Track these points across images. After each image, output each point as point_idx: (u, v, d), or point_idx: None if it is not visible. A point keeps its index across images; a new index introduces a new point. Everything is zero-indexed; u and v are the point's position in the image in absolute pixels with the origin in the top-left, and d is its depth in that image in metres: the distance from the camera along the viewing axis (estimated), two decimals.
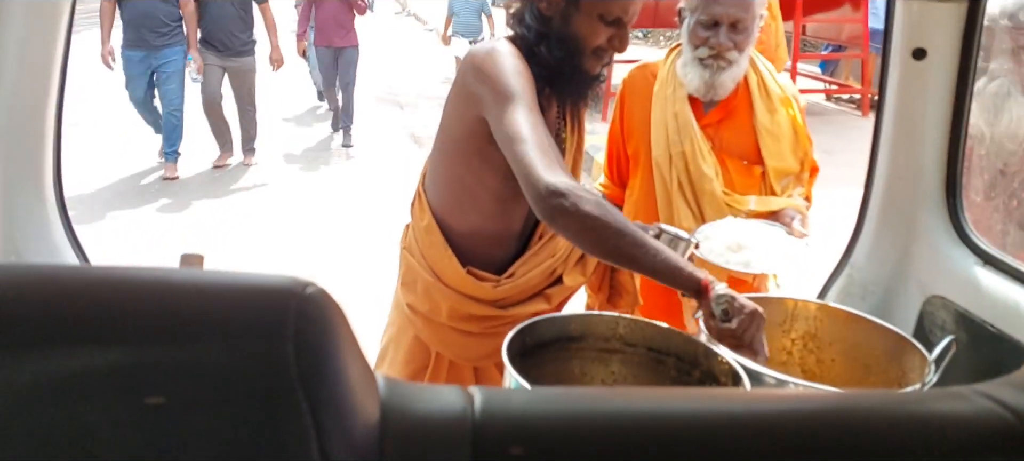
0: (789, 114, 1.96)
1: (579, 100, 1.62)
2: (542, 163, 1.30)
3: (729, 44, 1.82)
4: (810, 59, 10.49)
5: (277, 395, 0.44)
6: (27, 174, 1.56)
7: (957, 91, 1.51)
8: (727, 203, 1.89)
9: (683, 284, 1.31)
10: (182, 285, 0.47)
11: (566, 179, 1.30)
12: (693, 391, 0.92)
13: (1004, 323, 1.39)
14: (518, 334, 1.24)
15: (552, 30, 1.50)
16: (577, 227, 1.28)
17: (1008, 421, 0.57)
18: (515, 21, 1.55)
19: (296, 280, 0.48)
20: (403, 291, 1.73)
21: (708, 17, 1.83)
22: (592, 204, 1.28)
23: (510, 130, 1.35)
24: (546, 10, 1.50)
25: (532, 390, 0.78)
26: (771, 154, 1.92)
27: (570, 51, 1.50)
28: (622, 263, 1.38)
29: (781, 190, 1.94)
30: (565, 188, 1.27)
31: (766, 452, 0.55)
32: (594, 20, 1.48)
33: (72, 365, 0.44)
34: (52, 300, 0.46)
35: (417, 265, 1.66)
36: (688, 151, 1.91)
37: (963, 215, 1.58)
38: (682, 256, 1.54)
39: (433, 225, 1.63)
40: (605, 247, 1.30)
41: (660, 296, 1.99)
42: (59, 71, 1.54)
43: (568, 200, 1.26)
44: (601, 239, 1.28)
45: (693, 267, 1.33)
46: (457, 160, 1.58)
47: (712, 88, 1.87)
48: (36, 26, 1.47)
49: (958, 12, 1.46)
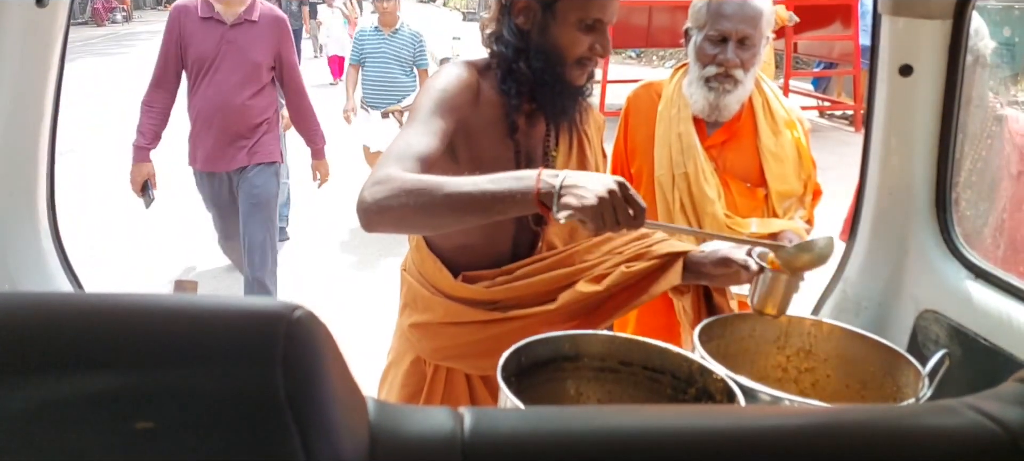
0: (793, 136, 1.96)
1: (566, 115, 1.58)
2: (374, 171, 1.30)
3: (736, 61, 1.82)
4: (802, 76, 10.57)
5: (266, 419, 0.44)
6: (21, 202, 1.56)
7: (944, 107, 1.53)
8: (729, 225, 1.88)
9: (521, 206, 1.23)
10: (171, 310, 0.48)
11: (386, 172, 1.27)
12: (684, 408, 0.92)
13: (997, 336, 1.39)
14: (513, 354, 1.24)
15: (531, 44, 1.48)
16: (392, 218, 1.26)
17: (996, 433, 0.57)
18: (492, 40, 1.53)
19: (285, 304, 0.48)
20: (405, 314, 1.72)
21: (717, 32, 1.83)
22: (399, 188, 1.24)
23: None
24: (523, 24, 1.49)
25: (521, 410, 0.78)
26: (774, 177, 1.92)
27: (551, 62, 1.48)
28: (455, 221, 1.31)
29: (783, 212, 1.94)
30: (372, 184, 1.25)
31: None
32: (572, 28, 1.46)
33: (63, 391, 0.44)
34: (42, 327, 0.46)
35: (415, 282, 1.66)
36: (691, 172, 1.90)
37: (954, 229, 1.58)
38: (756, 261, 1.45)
39: (421, 243, 1.64)
40: (431, 218, 1.26)
41: (659, 315, 1.99)
42: (52, 99, 1.55)
43: (366, 191, 1.26)
44: (425, 212, 1.24)
45: (522, 183, 1.22)
46: None
47: (717, 109, 1.88)
48: (29, 55, 1.48)
49: (943, 29, 1.48)
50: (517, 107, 1.51)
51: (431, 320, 1.65)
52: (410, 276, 1.69)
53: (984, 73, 1.73)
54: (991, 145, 1.78)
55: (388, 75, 5.35)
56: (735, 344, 1.48)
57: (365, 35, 5.47)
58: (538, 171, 1.23)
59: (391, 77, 5.36)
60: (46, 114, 1.54)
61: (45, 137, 1.56)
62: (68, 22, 1.52)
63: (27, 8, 1.43)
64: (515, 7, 1.49)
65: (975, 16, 1.82)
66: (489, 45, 1.55)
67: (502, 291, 1.56)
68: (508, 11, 1.50)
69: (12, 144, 1.52)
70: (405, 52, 5.37)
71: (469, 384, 1.72)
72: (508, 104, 1.51)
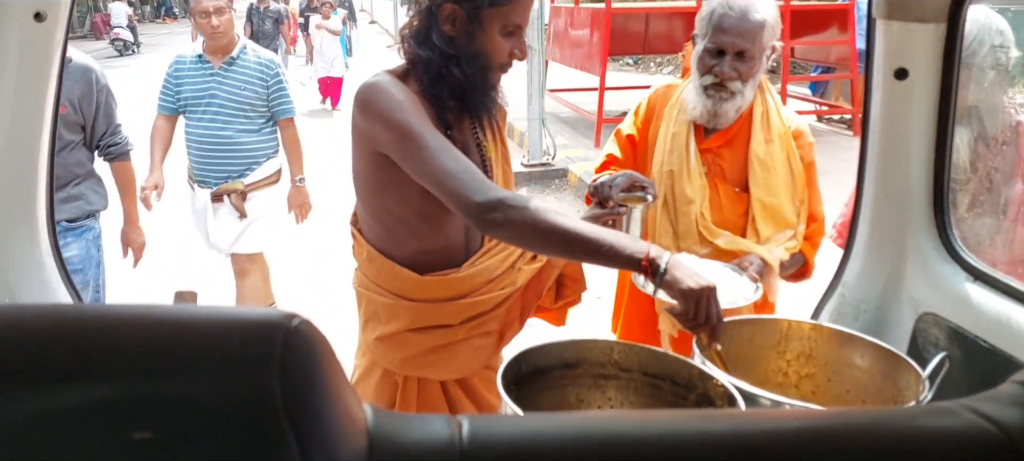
0: (786, 150, 1.96)
1: (489, 113, 1.66)
2: (469, 186, 1.39)
3: (733, 74, 1.86)
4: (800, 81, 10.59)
5: (264, 427, 0.44)
6: (20, 215, 1.56)
7: (940, 110, 1.53)
8: (701, 229, 1.93)
9: (626, 264, 1.35)
10: (169, 321, 0.48)
11: (495, 192, 1.39)
12: (682, 413, 0.92)
13: (996, 338, 1.39)
14: (513, 362, 1.24)
15: (459, 50, 1.53)
16: (514, 233, 1.39)
17: (994, 434, 0.57)
18: (415, 43, 1.56)
19: (282, 313, 0.48)
20: (368, 329, 1.73)
21: (714, 45, 1.87)
22: (522, 208, 1.36)
23: (428, 171, 1.43)
24: (450, 31, 1.53)
25: (520, 416, 0.78)
26: (758, 183, 1.94)
27: (478, 67, 1.55)
28: (567, 254, 1.46)
29: (766, 239, 1.93)
30: (495, 200, 1.37)
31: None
32: (496, 35, 1.53)
33: (61, 401, 0.44)
34: (40, 338, 0.46)
35: (374, 295, 1.68)
36: (676, 171, 1.96)
37: (952, 232, 1.58)
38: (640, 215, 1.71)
39: (373, 253, 1.66)
40: (546, 244, 1.40)
41: (641, 310, 2.04)
42: (51, 112, 1.55)
43: (499, 212, 1.36)
44: (541, 237, 1.37)
45: (636, 244, 1.37)
46: (376, 195, 1.61)
47: (715, 116, 1.92)
48: (27, 68, 1.49)
49: (938, 32, 1.48)
50: (447, 108, 1.57)
51: (397, 329, 1.67)
52: (367, 291, 1.70)
53: (1003, 79, 1.73)
54: (1006, 151, 1.78)
55: (220, 132, 3.45)
56: (735, 349, 1.48)
57: (183, 70, 3.50)
58: (649, 244, 1.36)
59: (225, 137, 3.45)
60: (45, 127, 1.55)
61: (44, 150, 1.56)
62: (66, 36, 1.53)
63: (25, 23, 1.44)
64: (441, 14, 1.52)
65: (999, 18, 1.82)
66: (409, 48, 1.58)
67: (466, 280, 1.64)
68: (435, 18, 1.53)
69: (11, 157, 1.53)
70: (248, 93, 3.45)
71: (445, 391, 1.73)
72: (438, 106, 1.56)
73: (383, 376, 1.74)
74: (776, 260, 1.90)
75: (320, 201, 3.95)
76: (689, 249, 1.92)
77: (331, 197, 6.27)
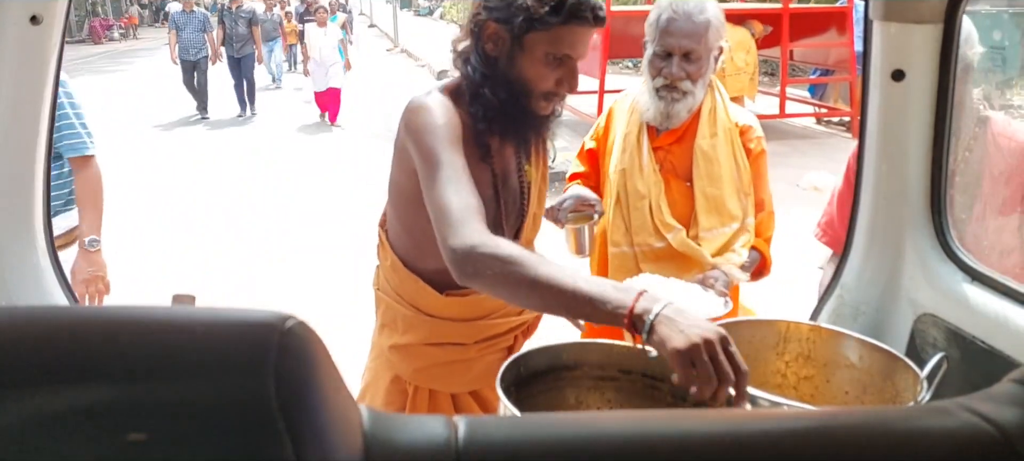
0: (731, 143, 2.02)
1: (528, 142, 1.59)
2: (450, 227, 1.28)
3: (681, 74, 1.93)
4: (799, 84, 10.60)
5: (258, 429, 0.44)
6: (17, 219, 1.56)
7: (937, 111, 1.53)
8: (657, 223, 2.00)
9: (608, 319, 1.15)
10: (163, 322, 0.48)
11: (471, 237, 1.26)
12: (679, 413, 0.92)
13: (994, 338, 1.39)
14: (512, 364, 1.24)
15: (497, 72, 1.47)
16: (485, 285, 1.25)
17: (990, 434, 0.57)
18: (461, 61, 1.52)
19: (277, 314, 0.48)
20: (384, 334, 1.71)
21: (662, 49, 1.95)
22: (494, 259, 1.22)
23: (430, 200, 1.36)
24: (491, 51, 1.47)
25: (516, 417, 0.78)
26: (701, 175, 2.01)
27: (515, 93, 1.47)
28: (543, 309, 1.35)
29: (709, 228, 1.99)
30: (466, 248, 1.24)
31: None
32: (540, 62, 1.44)
33: (55, 404, 0.44)
34: (34, 340, 0.46)
35: (394, 302, 1.66)
36: (627, 168, 2.04)
37: (950, 233, 1.59)
38: (589, 232, 1.73)
39: (398, 263, 1.63)
40: (518, 298, 1.26)
41: None
42: (48, 116, 1.55)
43: (470, 264, 1.24)
44: (512, 291, 1.23)
45: (620, 295, 1.15)
46: (408, 206, 1.57)
47: (668, 117, 1.99)
48: (24, 71, 1.49)
49: (935, 33, 1.48)
50: (486, 130, 1.50)
51: (413, 341, 1.65)
52: (387, 297, 1.68)
53: (969, 78, 1.75)
54: (973, 146, 1.80)
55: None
56: None
57: None
58: (639, 292, 1.14)
59: None
60: (42, 131, 1.55)
61: (41, 153, 1.56)
62: (62, 39, 1.53)
63: (21, 26, 1.44)
64: (484, 32, 1.46)
65: (966, 21, 1.83)
66: (458, 65, 1.53)
67: (485, 301, 1.60)
68: (478, 36, 1.48)
69: (8, 161, 1.52)
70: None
71: (454, 401, 1.72)
72: (476, 128, 1.50)
73: (392, 383, 1.73)
74: (740, 278, 1.95)
75: (318, 230, 3.90)
76: (643, 243, 2.01)
77: (331, 228, 6.26)
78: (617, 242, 2.06)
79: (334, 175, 7.88)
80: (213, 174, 8.07)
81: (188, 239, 5.89)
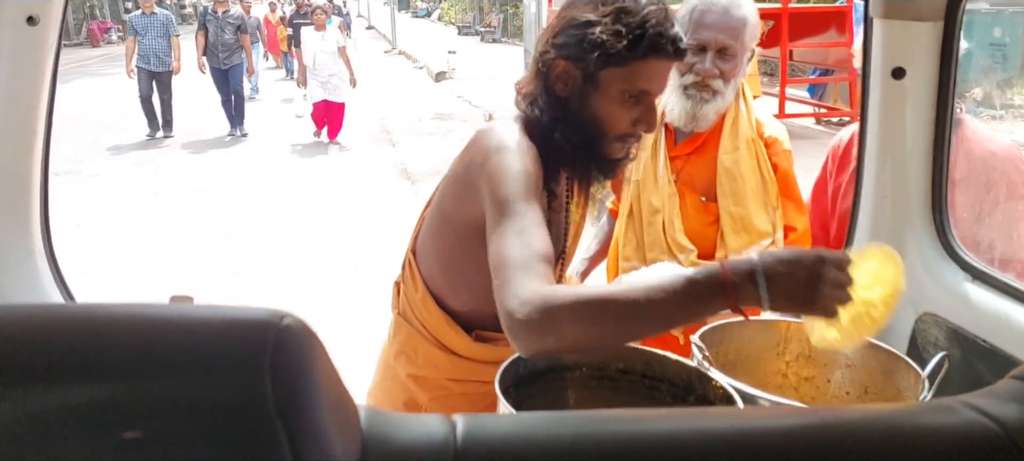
0: (754, 157, 1.86)
1: (588, 182, 1.47)
2: (511, 289, 1.09)
3: (714, 71, 1.77)
4: (798, 84, 10.61)
5: (255, 427, 0.44)
6: (15, 220, 1.56)
7: (937, 108, 1.53)
8: (669, 240, 1.85)
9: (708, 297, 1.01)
10: (160, 320, 0.47)
11: (533, 298, 1.05)
12: (678, 411, 0.91)
13: (995, 337, 1.39)
14: (511, 365, 1.23)
15: (569, 114, 1.34)
16: (538, 342, 1.06)
17: (993, 431, 0.57)
18: (527, 103, 1.38)
19: (274, 312, 0.48)
20: (401, 361, 1.61)
21: (695, 42, 1.77)
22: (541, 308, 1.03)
23: (497, 251, 1.17)
24: (562, 92, 1.34)
25: (514, 416, 0.78)
26: (725, 194, 1.83)
27: (588, 137, 1.34)
28: (626, 338, 1.18)
29: (739, 247, 1.82)
30: (525, 315, 1.04)
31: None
32: (615, 101, 1.32)
33: (50, 402, 0.44)
34: (29, 338, 0.46)
35: (417, 333, 1.56)
36: (640, 179, 1.89)
37: (950, 231, 1.58)
38: None
39: (428, 298, 1.52)
40: (597, 340, 1.09)
41: None
42: (45, 117, 1.55)
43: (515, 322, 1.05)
44: (586, 337, 1.06)
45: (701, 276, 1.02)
46: (452, 238, 1.45)
47: (695, 119, 1.81)
48: (20, 72, 1.49)
49: (935, 31, 1.48)
50: (553, 177, 1.38)
51: (434, 377, 1.57)
52: (412, 327, 1.57)
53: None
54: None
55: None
56: (734, 351, 1.47)
57: None
58: (719, 262, 1.04)
59: None
60: (39, 131, 1.55)
61: (38, 154, 1.56)
62: (59, 40, 1.52)
63: (18, 26, 1.44)
64: (553, 72, 1.34)
65: None
66: (523, 109, 1.39)
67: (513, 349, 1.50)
68: (545, 76, 1.35)
69: (5, 161, 1.52)
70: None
71: None
72: (547, 168, 1.35)
73: (405, 406, 1.64)
74: None
75: (318, 232, 3.90)
76: (656, 260, 1.82)
77: (331, 230, 6.24)
78: (628, 257, 1.91)
79: (333, 178, 7.89)
80: (210, 179, 8.05)
81: (185, 242, 5.89)
